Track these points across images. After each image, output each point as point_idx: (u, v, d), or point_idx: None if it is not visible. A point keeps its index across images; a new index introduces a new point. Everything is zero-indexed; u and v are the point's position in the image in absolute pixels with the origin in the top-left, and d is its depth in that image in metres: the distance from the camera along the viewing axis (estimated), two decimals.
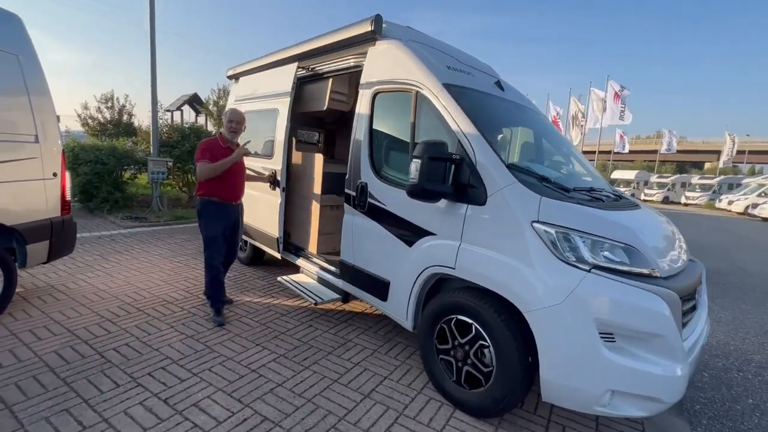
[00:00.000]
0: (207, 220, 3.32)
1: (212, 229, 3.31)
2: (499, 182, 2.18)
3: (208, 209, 3.30)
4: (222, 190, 3.33)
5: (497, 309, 2.15)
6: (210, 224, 3.32)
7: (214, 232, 3.33)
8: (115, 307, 3.44)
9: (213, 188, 3.29)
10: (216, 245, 3.36)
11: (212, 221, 3.32)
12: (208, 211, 3.30)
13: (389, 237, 2.78)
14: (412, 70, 2.70)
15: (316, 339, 3.13)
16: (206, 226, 3.33)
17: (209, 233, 3.32)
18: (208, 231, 3.33)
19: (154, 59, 8.16)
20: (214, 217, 3.32)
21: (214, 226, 3.32)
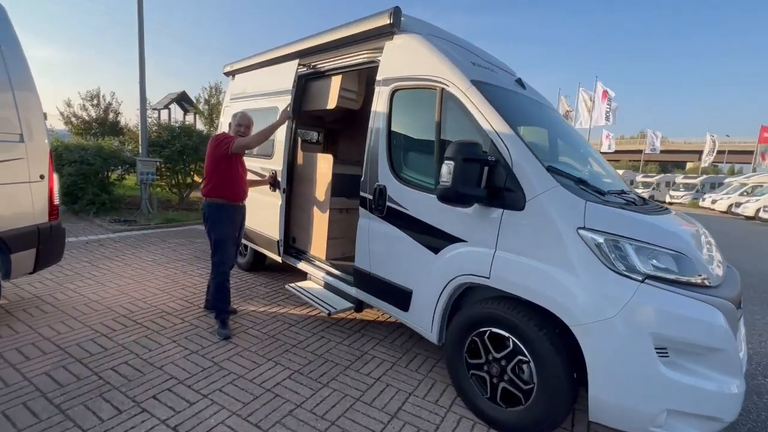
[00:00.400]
0: (216, 222, 3.11)
1: (222, 232, 3.12)
2: (539, 186, 2.03)
3: (217, 211, 3.10)
4: (230, 191, 3.14)
5: (538, 322, 2.00)
6: (219, 227, 3.11)
7: (224, 235, 3.13)
8: (109, 320, 3.18)
9: (221, 189, 3.09)
10: (226, 249, 3.16)
11: (222, 223, 3.12)
12: (216, 213, 3.11)
13: (411, 243, 2.61)
14: (436, 65, 2.53)
15: (331, 352, 2.94)
16: (215, 229, 3.12)
17: (219, 236, 3.12)
18: (217, 234, 3.12)
19: (143, 53, 7.80)
20: (223, 220, 3.12)
21: (223, 229, 3.12)
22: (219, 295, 3.16)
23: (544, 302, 1.95)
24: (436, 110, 2.49)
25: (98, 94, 14.49)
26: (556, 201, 1.99)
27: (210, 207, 3.11)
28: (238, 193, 3.17)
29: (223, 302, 3.16)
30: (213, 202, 3.09)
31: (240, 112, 3.31)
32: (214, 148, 3.04)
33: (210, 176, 3.09)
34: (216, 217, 3.11)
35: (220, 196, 3.08)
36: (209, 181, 3.10)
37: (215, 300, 3.18)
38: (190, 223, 7.63)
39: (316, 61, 3.64)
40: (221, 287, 3.16)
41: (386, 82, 2.85)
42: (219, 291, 3.16)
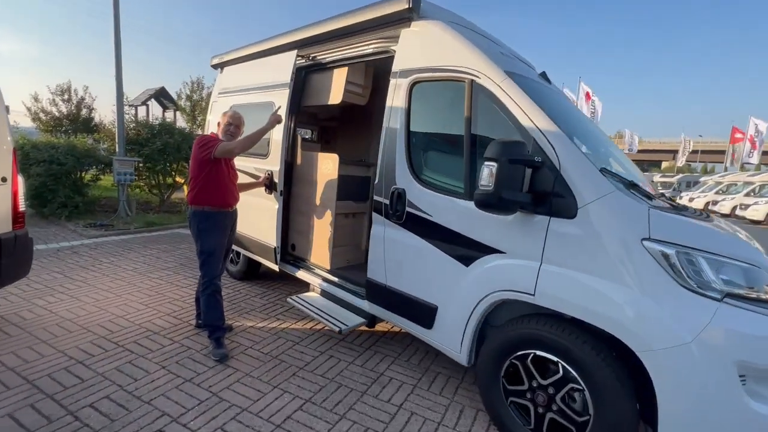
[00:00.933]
0: (203, 232, 2.77)
1: (210, 242, 2.78)
2: (594, 191, 1.78)
3: (204, 220, 2.77)
4: (218, 197, 2.80)
5: (595, 345, 1.76)
6: (207, 237, 2.78)
7: (213, 245, 2.79)
8: (86, 343, 2.78)
9: (207, 195, 2.76)
10: (215, 260, 2.83)
11: (209, 233, 2.78)
12: (203, 222, 2.77)
13: (437, 254, 2.33)
14: (464, 55, 2.26)
15: (343, 374, 2.64)
16: (203, 240, 2.78)
17: (207, 247, 2.78)
18: (205, 244, 2.78)
19: (119, 43, 7.26)
20: (210, 229, 2.78)
21: (212, 239, 2.79)
22: (211, 311, 2.82)
23: (605, 324, 1.71)
24: (465, 105, 2.22)
25: (69, 88, 13.58)
26: (614, 208, 1.75)
27: (196, 215, 2.78)
28: (226, 199, 2.83)
29: (216, 318, 2.82)
30: (199, 210, 2.76)
31: (230, 110, 2.97)
32: (197, 150, 2.71)
33: (194, 181, 2.76)
34: (203, 226, 2.77)
35: (206, 203, 2.75)
36: (194, 187, 2.76)
37: (207, 316, 2.84)
38: (173, 227, 7.16)
39: (318, 52, 3.32)
40: (212, 301, 2.82)
41: (404, 73, 2.56)
42: (210, 306, 2.82)
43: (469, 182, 2.18)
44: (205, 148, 2.68)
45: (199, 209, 2.77)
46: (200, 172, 2.73)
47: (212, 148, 2.66)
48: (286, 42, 3.45)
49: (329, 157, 3.33)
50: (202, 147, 2.69)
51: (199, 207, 2.77)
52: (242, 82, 3.99)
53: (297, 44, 3.34)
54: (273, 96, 3.48)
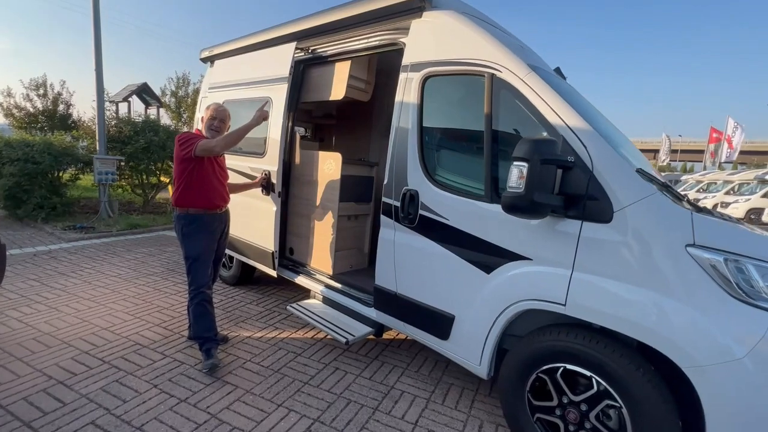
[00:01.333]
0: (188, 236, 2.58)
1: (196, 248, 2.58)
2: (632, 193, 1.66)
3: (189, 223, 2.57)
4: (203, 198, 2.59)
5: (634, 360, 1.63)
6: (192, 242, 2.58)
7: (199, 251, 2.59)
8: (68, 360, 2.54)
9: (191, 196, 2.56)
10: (202, 267, 2.62)
11: (195, 237, 2.58)
12: (188, 226, 2.57)
13: (454, 260, 2.18)
14: (482, 47, 2.11)
15: (351, 389, 2.46)
16: (188, 245, 2.58)
17: (193, 252, 2.58)
18: (190, 249, 2.58)
19: (98, 34, 6.88)
20: (195, 233, 2.58)
21: (197, 244, 2.59)
22: (200, 322, 2.61)
23: (646, 337, 1.58)
24: (486, 100, 2.07)
25: (45, 82, 12.90)
26: (655, 212, 1.62)
27: (180, 219, 2.58)
28: (212, 200, 2.62)
29: (205, 329, 2.61)
30: (183, 212, 2.57)
31: (213, 104, 2.76)
32: (178, 148, 2.50)
33: (177, 181, 2.56)
34: (187, 230, 2.57)
35: (190, 205, 2.55)
36: (177, 187, 2.56)
37: (196, 328, 2.63)
38: (158, 228, 6.84)
39: (319, 44, 3.12)
40: (201, 311, 2.61)
41: (416, 67, 2.39)
42: (199, 316, 2.61)
43: (490, 183, 2.03)
44: (185, 146, 2.47)
45: (183, 212, 2.57)
46: (183, 171, 2.52)
47: (192, 145, 2.45)
48: (285, 33, 3.24)
49: (331, 156, 3.14)
50: (182, 144, 2.49)
51: (183, 209, 2.57)
52: (235, 76, 3.76)
53: (296, 36, 3.14)
54: (270, 91, 3.27)
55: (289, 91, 3.14)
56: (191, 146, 2.45)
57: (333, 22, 2.88)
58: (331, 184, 3.15)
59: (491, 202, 2.02)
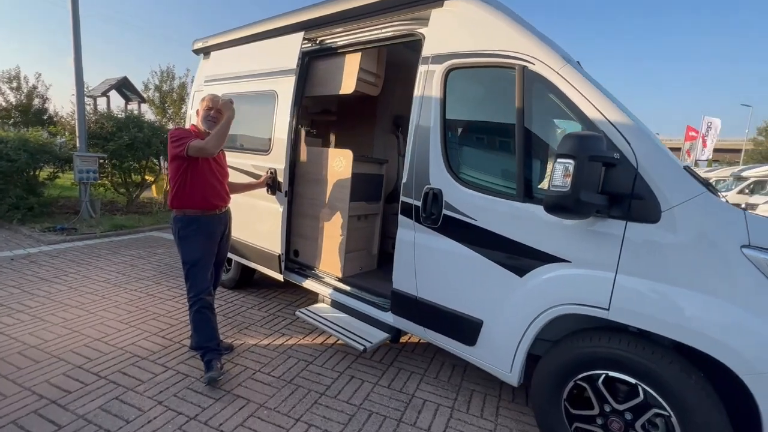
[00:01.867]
0: (185, 239, 2.41)
1: (194, 251, 2.42)
2: (681, 192, 1.58)
3: (186, 226, 2.41)
4: (199, 198, 2.41)
5: (684, 366, 1.56)
6: (190, 245, 2.41)
7: (197, 255, 2.42)
8: (59, 376, 2.32)
9: (188, 197, 2.38)
10: (201, 271, 2.45)
11: (193, 240, 2.42)
12: (185, 229, 2.41)
13: (482, 263, 2.08)
14: (513, 38, 2.00)
15: (371, 400, 2.34)
16: (185, 248, 2.42)
17: (190, 256, 2.41)
18: (187, 254, 2.42)
19: (77, 22, 6.49)
20: (194, 235, 2.42)
21: (195, 247, 2.42)
22: (200, 331, 2.44)
23: (699, 343, 1.51)
24: (516, 94, 1.96)
25: (18, 75, 12.17)
26: (707, 212, 1.55)
27: (176, 221, 2.41)
28: (210, 200, 2.45)
29: (207, 339, 2.44)
30: (180, 214, 2.40)
31: (209, 94, 2.55)
32: (171, 146, 2.33)
33: (172, 181, 2.38)
34: (183, 232, 2.40)
35: (186, 206, 2.38)
36: (172, 188, 2.39)
37: (197, 338, 2.46)
38: (145, 229, 6.53)
39: (327, 35, 2.96)
40: (201, 319, 2.44)
41: (438, 59, 2.27)
42: (199, 325, 2.44)
43: (522, 182, 1.93)
44: (177, 144, 2.29)
45: (179, 213, 2.40)
46: (177, 170, 2.35)
47: (184, 144, 2.27)
48: (292, 23, 3.06)
49: (341, 153, 2.99)
50: (175, 141, 2.31)
51: (180, 210, 2.40)
52: (236, 68, 3.55)
53: (303, 25, 2.97)
54: (275, 84, 3.09)
55: (297, 83, 2.97)
56: (183, 145, 2.27)
57: (345, 11, 2.73)
58: (340, 182, 3.00)
59: (524, 202, 1.92)
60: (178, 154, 2.30)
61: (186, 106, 9.83)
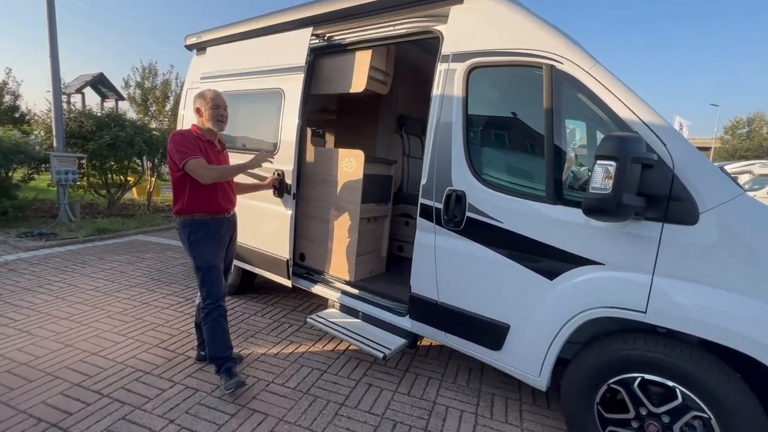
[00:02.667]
0: (196, 244, 2.29)
1: (208, 256, 2.30)
2: (719, 193, 1.58)
3: (197, 230, 2.28)
4: (210, 202, 2.30)
5: (723, 368, 1.56)
6: (203, 250, 2.29)
7: (211, 259, 2.31)
8: (57, 396, 2.15)
9: (197, 201, 2.26)
10: (218, 277, 2.35)
11: (205, 244, 2.30)
12: (196, 233, 2.28)
13: (509, 266, 2.03)
14: (540, 37, 1.96)
15: (393, 409, 2.26)
16: (197, 253, 2.29)
17: (204, 261, 2.29)
18: (200, 259, 2.29)
19: (53, 17, 6.13)
20: (206, 239, 2.30)
21: (209, 252, 2.31)
22: (217, 341, 2.32)
23: (743, 345, 1.50)
24: (544, 94, 1.93)
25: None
26: (746, 213, 1.55)
27: (185, 226, 2.28)
28: (219, 203, 2.34)
29: (223, 348, 2.33)
30: (188, 219, 2.28)
31: (209, 91, 2.35)
32: (174, 152, 2.18)
33: (177, 186, 2.26)
34: (195, 237, 2.28)
35: (196, 210, 2.26)
36: (177, 193, 2.26)
37: (214, 348, 2.32)
38: (129, 233, 6.24)
39: (336, 31, 2.86)
40: (218, 328, 2.32)
41: (459, 57, 2.21)
42: (217, 334, 2.32)
43: (552, 183, 1.90)
44: (179, 154, 2.16)
45: (187, 218, 2.27)
46: (181, 176, 2.21)
47: (183, 158, 2.14)
48: (300, 17, 2.94)
49: (352, 153, 2.90)
50: (178, 151, 2.16)
51: (188, 216, 2.27)
52: (236, 65, 3.39)
53: (313, 20, 2.86)
54: (281, 82, 2.96)
55: (306, 81, 2.86)
56: (182, 159, 2.14)
57: (357, 6, 2.63)
58: (351, 183, 2.91)
59: (554, 204, 1.89)
60: (176, 164, 2.17)
61: (169, 103, 9.46)
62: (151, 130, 7.85)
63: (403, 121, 4.10)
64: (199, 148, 2.23)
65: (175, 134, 2.26)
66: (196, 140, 2.25)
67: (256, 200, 3.11)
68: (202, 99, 2.33)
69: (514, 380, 2.59)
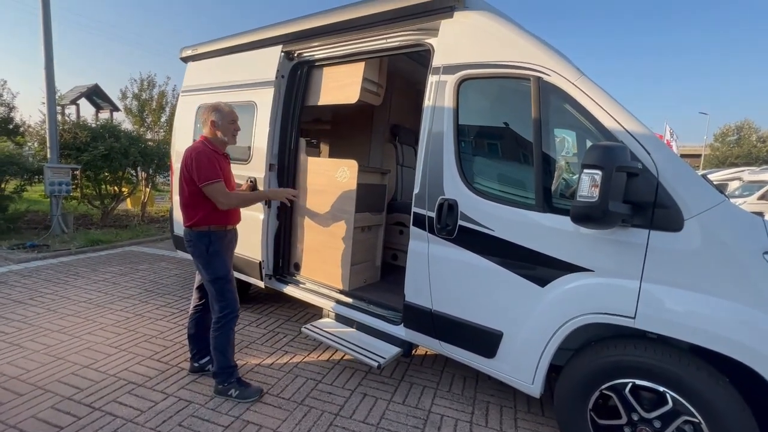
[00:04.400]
0: (215, 255, 2.33)
1: (226, 265, 2.39)
2: (702, 200, 1.62)
3: (215, 241, 2.33)
4: (228, 215, 2.40)
5: (712, 372, 1.59)
6: (222, 260, 2.36)
7: (228, 269, 2.41)
8: (47, 410, 2.12)
9: (218, 214, 2.32)
10: (234, 287, 2.42)
11: (222, 255, 2.37)
12: (215, 244, 2.33)
13: (501, 273, 2.06)
14: (528, 50, 2.02)
15: (388, 418, 2.26)
16: (216, 264, 2.34)
17: (223, 271, 2.35)
18: (220, 269, 2.35)
19: (48, 28, 6.17)
20: (222, 251, 2.37)
21: (227, 261, 2.41)
22: (229, 349, 2.39)
23: (729, 349, 1.53)
24: (532, 105, 1.97)
25: None
26: (728, 220, 1.59)
27: (203, 237, 2.30)
28: (233, 216, 2.45)
29: (231, 358, 2.42)
30: (204, 231, 2.30)
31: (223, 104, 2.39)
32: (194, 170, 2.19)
33: (194, 199, 2.27)
34: (213, 248, 2.32)
35: (212, 222, 2.31)
36: (195, 208, 2.27)
37: (225, 357, 2.36)
38: (122, 244, 6.21)
39: (326, 45, 2.91)
40: (231, 337, 2.40)
41: (449, 69, 2.26)
42: (229, 342, 2.39)
43: (542, 192, 1.93)
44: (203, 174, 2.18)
45: (204, 230, 2.30)
46: (197, 190, 2.23)
47: (204, 180, 2.18)
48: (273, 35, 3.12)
49: (345, 163, 2.93)
50: (203, 172, 2.18)
51: (204, 228, 2.30)
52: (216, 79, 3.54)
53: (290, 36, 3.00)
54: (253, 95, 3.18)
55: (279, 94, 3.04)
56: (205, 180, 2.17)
57: (351, 20, 2.68)
58: (345, 193, 2.93)
59: (543, 212, 1.93)
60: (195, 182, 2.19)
61: (165, 114, 9.49)
62: (146, 141, 7.86)
63: (396, 130, 4.16)
64: (219, 168, 2.26)
65: (200, 153, 2.22)
66: (217, 160, 2.26)
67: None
68: (218, 113, 2.33)
69: (509, 388, 2.59)
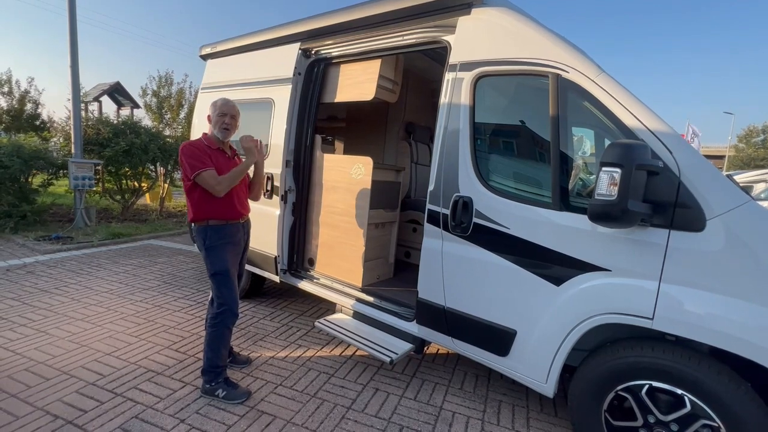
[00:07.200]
0: (212, 249, 2.29)
1: (224, 261, 2.30)
2: (726, 200, 1.58)
3: (212, 235, 2.29)
4: (226, 207, 2.32)
5: (732, 376, 1.55)
6: (219, 254, 2.30)
7: (227, 264, 2.31)
8: (72, 394, 2.21)
9: (214, 207, 2.28)
10: (233, 283, 2.36)
11: (221, 249, 2.30)
12: (212, 238, 2.29)
13: (516, 272, 2.05)
14: (547, 47, 2.00)
15: (400, 413, 2.28)
16: (215, 258, 2.30)
17: (221, 266, 2.30)
18: (218, 264, 2.30)
19: (74, 29, 6.37)
20: (221, 245, 2.30)
21: (225, 256, 2.31)
22: (221, 347, 2.30)
23: (751, 353, 1.49)
24: (550, 102, 1.96)
25: (10, 79, 11.80)
26: (753, 220, 1.55)
27: (200, 232, 2.29)
28: (235, 208, 2.36)
29: (222, 357, 2.31)
30: (203, 225, 2.28)
31: (220, 99, 2.38)
32: (186, 164, 2.20)
33: (191, 194, 2.27)
34: (210, 242, 2.28)
35: (210, 216, 2.27)
36: (192, 201, 2.28)
37: (214, 354, 2.29)
38: (143, 237, 6.38)
39: (342, 42, 2.94)
40: (224, 334, 2.31)
41: (466, 66, 2.26)
42: (220, 340, 2.29)
43: (558, 190, 1.92)
44: (190, 167, 2.18)
45: (202, 225, 2.28)
46: (195, 184, 2.23)
47: (194, 171, 2.17)
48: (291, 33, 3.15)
49: (361, 160, 2.95)
50: (189, 163, 2.18)
51: (203, 222, 2.28)
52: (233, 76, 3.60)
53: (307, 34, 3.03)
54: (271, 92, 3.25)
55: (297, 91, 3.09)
56: (193, 170, 2.16)
57: (369, 17, 2.70)
58: (360, 190, 2.96)
59: (560, 210, 1.91)
60: (187, 176, 2.21)
61: (183, 111, 9.69)
62: (165, 137, 8.04)
63: (411, 128, 4.16)
64: (209, 157, 2.23)
65: (185, 146, 2.25)
66: (205, 150, 2.25)
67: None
68: (212, 107, 2.35)
69: (522, 387, 2.58)
